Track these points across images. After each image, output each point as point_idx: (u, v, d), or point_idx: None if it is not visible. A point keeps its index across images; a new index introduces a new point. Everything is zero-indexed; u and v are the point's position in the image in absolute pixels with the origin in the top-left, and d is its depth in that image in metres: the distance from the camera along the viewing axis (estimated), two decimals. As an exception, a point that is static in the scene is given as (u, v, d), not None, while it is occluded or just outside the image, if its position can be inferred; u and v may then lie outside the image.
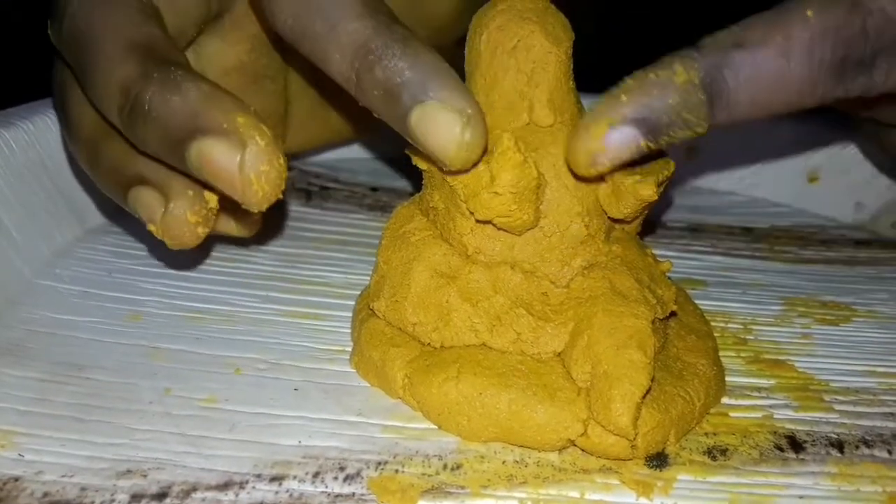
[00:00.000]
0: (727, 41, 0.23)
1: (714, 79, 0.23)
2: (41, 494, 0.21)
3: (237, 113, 0.23)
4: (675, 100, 0.23)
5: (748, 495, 0.23)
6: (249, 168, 0.22)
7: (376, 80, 0.23)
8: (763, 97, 0.23)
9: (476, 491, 0.22)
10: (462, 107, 0.22)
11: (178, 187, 0.25)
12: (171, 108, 0.23)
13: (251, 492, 0.22)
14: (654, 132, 0.23)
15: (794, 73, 0.23)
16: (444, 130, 0.22)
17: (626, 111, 0.23)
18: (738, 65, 0.23)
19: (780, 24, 0.23)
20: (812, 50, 0.23)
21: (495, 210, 0.24)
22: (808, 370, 0.29)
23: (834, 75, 0.23)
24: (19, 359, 0.26)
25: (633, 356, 0.23)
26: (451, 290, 0.26)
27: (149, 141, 0.24)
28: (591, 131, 0.23)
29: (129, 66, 0.24)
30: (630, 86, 0.23)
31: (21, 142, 0.32)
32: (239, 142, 0.22)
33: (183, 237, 0.25)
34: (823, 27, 0.23)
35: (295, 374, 0.27)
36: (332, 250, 0.35)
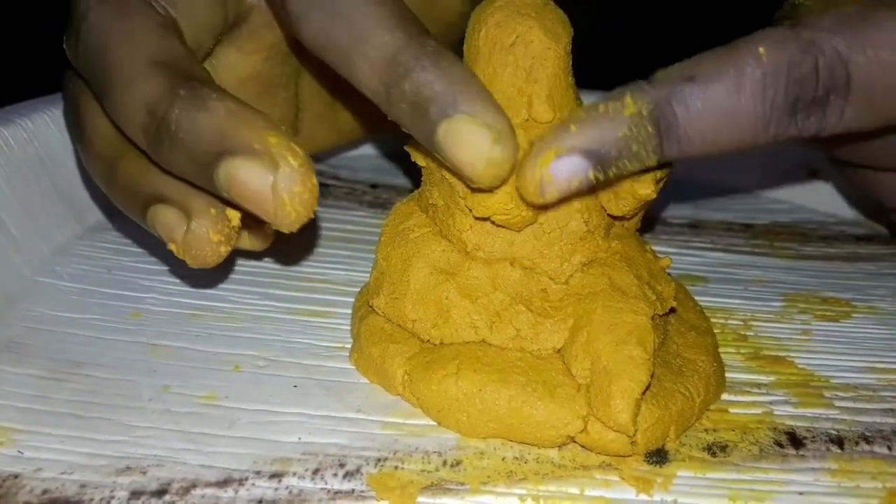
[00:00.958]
0: (679, 74, 0.23)
1: (663, 112, 0.22)
2: (40, 491, 0.21)
3: (268, 132, 0.22)
4: (623, 132, 0.22)
5: (748, 491, 0.23)
6: (283, 190, 0.22)
7: (405, 93, 0.23)
8: (713, 133, 0.23)
9: (476, 487, 0.22)
10: (492, 122, 0.22)
11: (200, 206, 0.25)
12: (199, 128, 0.23)
13: (251, 488, 0.22)
14: (602, 164, 0.23)
15: (746, 110, 0.23)
16: (472, 145, 0.22)
17: (575, 141, 0.23)
18: (688, 98, 0.22)
19: (732, 60, 0.23)
20: (764, 87, 0.23)
21: (493, 208, 0.24)
22: (808, 366, 0.29)
23: (787, 114, 0.23)
24: (19, 356, 0.26)
25: (632, 352, 0.23)
26: (451, 286, 0.25)
27: (175, 161, 0.24)
28: (539, 160, 0.23)
29: (152, 84, 0.24)
30: (580, 116, 0.23)
31: (20, 139, 0.32)
32: (271, 163, 0.22)
33: (205, 256, 0.25)
34: (776, 65, 0.22)
35: (294, 370, 0.27)
36: (331, 247, 0.35)
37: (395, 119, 0.24)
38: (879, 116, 0.24)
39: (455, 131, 0.22)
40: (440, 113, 0.22)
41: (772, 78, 0.22)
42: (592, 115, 0.23)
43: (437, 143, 0.22)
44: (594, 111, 0.23)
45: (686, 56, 0.24)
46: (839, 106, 0.23)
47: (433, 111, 0.22)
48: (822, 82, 0.23)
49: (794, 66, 0.23)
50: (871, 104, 0.23)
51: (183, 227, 0.25)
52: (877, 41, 0.23)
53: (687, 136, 0.23)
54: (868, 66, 0.23)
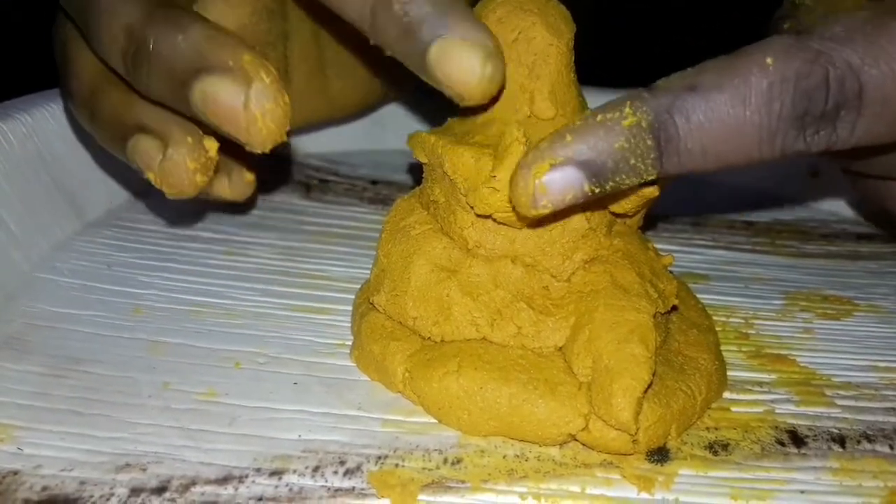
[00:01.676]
0: (680, 84, 0.22)
1: (663, 123, 0.21)
2: (40, 488, 0.21)
3: (243, 51, 0.23)
4: (621, 144, 0.21)
5: (749, 490, 0.23)
6: (255, 105, 0.22)
7: (394, 15, 0.23)
8: (716, 146, 0.22)
9: (476, 485, 0.22)
10: (482, 40, 0.22)
11: (178, 134, 0.25)
12: (176, 48, 0.23)
13: (251, 486, 0.22)
14: (599, 176, 0.22)
15: (751, 122, 0.21)
16: (465, 64, 0.22)
17: (570, 152, 0.22)
18: (690, 109, 0.21)
19: (737, 69, 0.21)
20: (771, 98, 0.21)
21: (495, 206, 0.24)
22: (809, 365, 0.29)
23: (794, 127, 0.22)
24: (19, 352, 0.26)
25: (634, 350, 0.23)
26: (452, 283, 0.25)
27: (153, 83, 0.24)
28: (533, 170, 0.22)
29: (133, 8, 0.24)
30: (577, 126, 0.22)
31: (19, 134, 0.32)
32: (244, 79, 0.22)
33: (182, 184, 0.25)
34: (783, 76, 0.21)
35: (295, 368, 0.27)
36: (331, 244, 0.35)
37: (381, 44, 0.24)
38: (893, 130, 0.23)
39: (448, 51, 0.22)
40: (431, 33, 0.22)
41: (779, 89, 0.21)
42: (589, 124, 0.22)
43: (427, 63, 0.23)
44: (591, 120, 0.22)
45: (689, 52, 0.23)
46: (851, 120, 0.22)
47: (424, 32, 0.22)
48: (833, 95, 0.22)
49: (802, 78, 0.21)
50: (884, 118, 0.22)
51: (160, 155, 0.25)
52: (891, 53, 0.22)
53: (687, 150, 0.22)
54: (882, 79, 0.22)
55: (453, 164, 0.25)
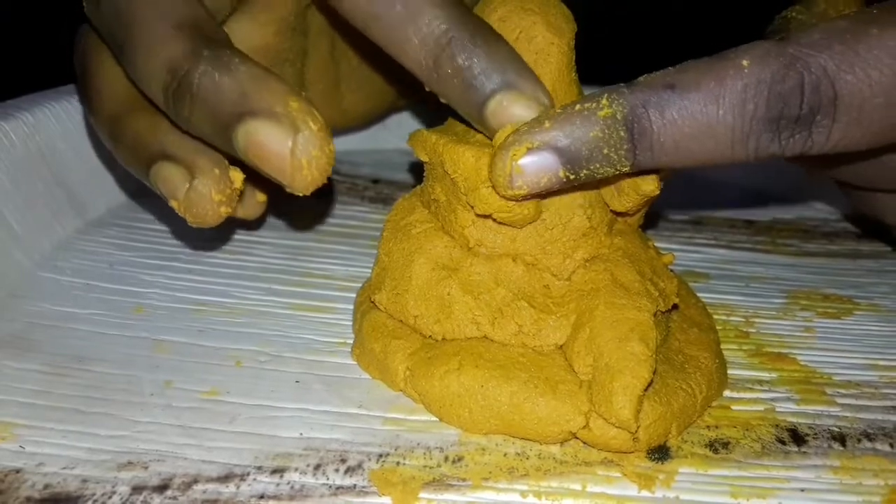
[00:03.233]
0: (659, 80, 0.22)
1: (638, 117, 0.22)
2: (42, 486, 0.21)
3: (290, 96, 0.23)
4: (595, 133, 0.22)
5: (750, 488, 0.23)
6: (301, 153, 0.23)
7: (456, 67, 0.24)
8: (688, 143, 0.22)
9: (477, 483, 0.22)
10: (540, 97, 0.23)
11: (205, 164, 0.25)
12: (221, 88, 0.23)
13: (252, 484, 0.22)
14: (573, 163, 0.23)
15: (724, 122, 0.22)
16: (522, 117, 0.23)
17: (546, 137, 0.22)
18: (664, 105, 0.22)
19: (714, 70, 0.22)
20: (744, 100, 0.22)
21: (494, 206, 0.24)
22: (810, 363, 0.29)
23: (768, 130, 0.22)
24: (21, 351, 0.26)
25: (634, 349, 0.23)
26: (453, 282, 0.25)
27: (194, 121, 0.24)
28: (510, 152, 0.23)
29: (177, 44, 0.24)
30: (555, 113, 0.23)
31: (21, 133, 0.32)
32: (291, 126, 0.23)
33: (206, 215, 0.25)
34: (758, 78, 0.22)
35: (296, 366, 0.27)
36: (333, 242, 0.35)
37: (440, 93, 0.25)
38: (871, 136, 0.23)
39: (507, 104, 0.23)
40: (493, 86, 0.23)
41: (753, 91, 0.22)
42: (567, 112, 0.23)
43: (485, 115, 0.24)
44: (569, 109, 0.23)
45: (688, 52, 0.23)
46: (826, 125, 0.22)
47: (485, 85, 0.23)
48: (807, 100, 0.22)
49: (776, 82, 0.22)
50: (860, 124, 0.22)
51: (186, 184, 0.25)
52: (867, 59, 0.22)
53: (660, 145, 0.22)
54: (857, 86, 0.22)
55: (454, 163, 0.25)
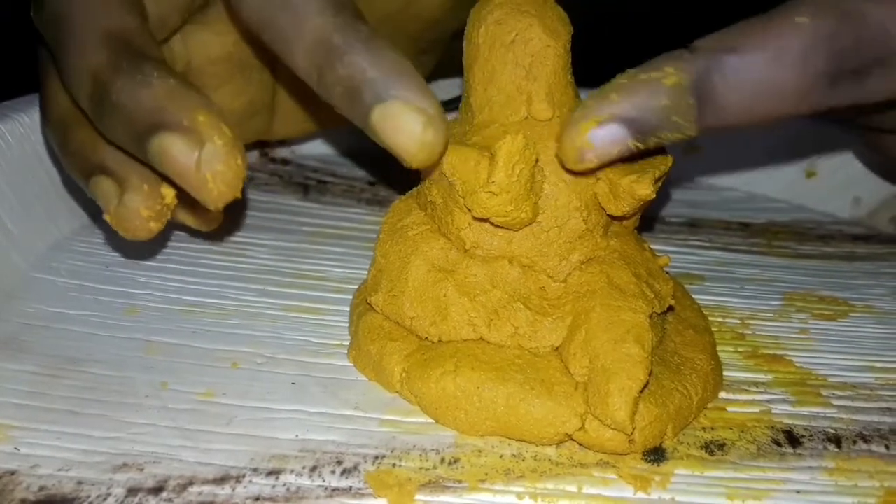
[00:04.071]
0: (720, 44, 0.23)
1: (704, 82, 0.23)
2: (37, 488, 0.21)
3: (199, 111, 0.23)
4: (663, 101, 0.23)
5: (745, 490, 0.23)
6: (206, 167, 0.23)
7: (338, 77, 0.23)
8: (753, 103, 0.23)
9: (473, 485, 0.22)
10: (424, 106, 0.22)
11: (135, 180, 0.26)
12: (137, 101, 0.24)
13: (248, 485, 0.22)
14: (642, 132, 0.23)
15: (787, 81, 0.23)
16: (405, 129, 0.22)
17: (615, 110, 0.23)
18: (729, 69, 0.23)
19: (772, 30, 0.23)
20: (805, 58, 0.22)
21: (492, 210, 0.24)
22: (805, 365, 0.29)
23: (827, 84, 0.23)
24: (15, 352, 0.26)
25: (630, 350, 0.23)
26: (449, 284, 0.25)
27: (114, 130, 0.25)
28: (580, 127, 0.23)
29: (101, 54, 0.24)
30: (620, 85, 0.23)
31: (17, 134, 0.32)
32: (197, 140, 0.23)
33: (136, 230, 0.26)
34: (816, 35, 0.22)
35: (292, 368, 0.27)
36: (329, 244, 0.35)
37: (328, 101, 0.24)
38: None
39: (388, 116, 0.22)
40: (373, 97, 0.23)
41: (812, 48, 0.22)
42: (633, 83, 0.23)
43: (371, 126, 0.23)
44: (634, 79, 0.23)
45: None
46: (881, 75, 0.23)
47: (367, 95, 0.23)
48: (864, 53, 0.22)
49: (835, 38, 0.22)
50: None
51: (116, 199, 0.26)
52: None
53: (727, 107, 0.23)
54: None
55: (451, 166, 0.25)
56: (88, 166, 0.27)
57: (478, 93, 0.26)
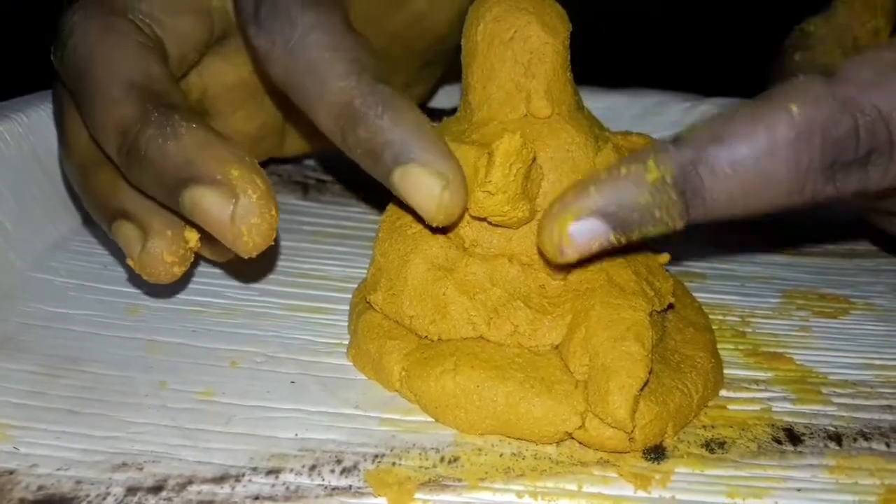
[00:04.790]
0: (706, 134, 0.21)
1: (689, 176, 0.21)
2: (36, 488, 0.21)
3: (232, 164, 0.23)
4: (645, 198, 0.21)
5: (746, 488, 0.23)
6: (240, 220, 0.23)
7: (360, 138, 0.24)
8: (744, 197, 0.21)
9: (473, 484, 0.22)
10: (443, 170, 0.23)
11: (158, 226, 0.26)
12: (166, 154, 0.24)
13: (247, 485, 0.22)
14: (623, 228, 0.22)
15: (779, 174, 0.21)
16: (424, 192, 0.23)
17: (594, 204, 0.22)
18: (716, 161, 0.21)
19: (762, 119, 0.21)
20: (798, 150, 0.21)
21: (489, 209, 0.24)
22: (806, 363, 0.29)
23: (824, 176, 0.21)
24: (14, 352, 0.26)
25: (630, 348, 0.23)
26: (449, 282, 0.25)
27: (144, 182, 0.25)
28: (558, 221, 0.22)
29: (127, 106, 0.25)
30: (601, 179, 0.22)
31: (15, 134, 0.32)
32: (231, 193, 0.23)
33: (159, 275, 0.26)
34: (810, 126, 0.21)
35: (292, 367, 0.27)
36: (328, 243, 0.35)
37: (352, 158, 0.25)
38: None
39: (408, 178, 0.23)
40: (394, 159, 0.23)
41: (807, 140, 0.21)
42: (613, 177, 0.22)
43: (392, 186, 0.24)
44: (615, 173, 0.22)
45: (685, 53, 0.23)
46: (882, 164, 0.21)
47: (387, 157, 0.23)
48: (863, 143, 0.21)
49: (830, 128, 0.21)
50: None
51: (140, 244, 0.26)
52: None
53: (713, 200, 0.21)
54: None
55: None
56: (110, 209, 0.27)
57: (476, 90, 0.26)
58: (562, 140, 0.25)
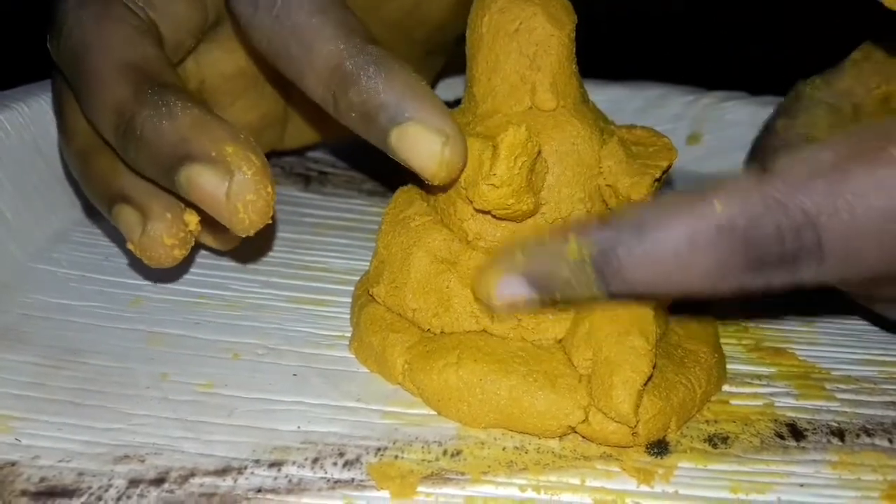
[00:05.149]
0: (630, 219, 0.21)
1: (607, 258, 0.21)
2: (38, 479, 0.21)
3: (226, 141, 0.23)
4: (564, 272, 0.22)
5: (749, 483, 0.23)
6: (236, 197, 0.23)
7: (352, 102, 0.24)
8: (662, 281, 0.21)
9: (476, 477, 0.22)
10: (441, 126, 0.23)
11: (158, 209, 0.26)
12: (162, 133, 0.24)
13: (250, 477, 0.22)
14: (546, 292, 0.23)
15: (697, 264, 0.21)
16: (424, 150, 0.23)
17: (518, 269, 0.23)
18: (633, 246, 0.21)
19: (685, 210, 0.21)
20: (719, 245, 0.21)
21: (493, 202, 0.24)
22: (809, 358, 0.29)
23: (748, 270, 0.21)
24: (15, 343, 0.26)
25: (634, 343, 0.23)
26: (452, 275, 0.25)
27: (140, 162, 0.25)
28: (487, 277, 0.23)
29: (122, 87, 0.25)
30: (528, 247, 0.23)
31: (16, 124, 0.32)
32: (226, 170, 0.23)
33: (159, 258, 0.26)
34: (731, 223, 0.20)
35: (294, 359, 0.27)
36: (331, 236, 0.35)
37: (345, 124, 0.24)
38: (867, 272, 0.21)
39: (406, 137, 0.23)
40: (390, 120, 0.23)
41: (727, 236, 0.21)
42: (537, 249, 0.22)
43: (389, 147, 0.23)
44: (540, 245, 0.22)
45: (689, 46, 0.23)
46: (813, 266, 0.21)
47: (383, 118, 0.23)
48: (788, 244, 0.20)
49: (752, 227, 0.20)
50: (851, 264, 0.21)
51: (140, 228, 0.26)
52: (853, 203, 0.20)
53: (633, 281, 0.22)
54: (843, 231, 0.20)
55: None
56: (110, 194, 0.26)
57: (481, 82, 0.26)
58: (567, 133, 0.25)
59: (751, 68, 0.50)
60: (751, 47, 0.55)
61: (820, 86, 0.28)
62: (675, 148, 0.27)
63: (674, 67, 0.47)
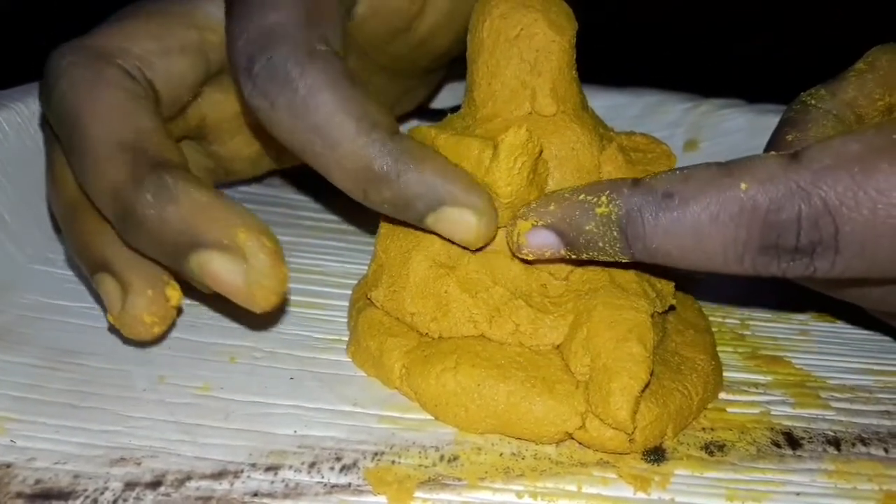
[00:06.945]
0: (661, 185, 0.22)
1: (632, 220, 0.22)
2: (33, 481, 0.21)
3: (238, 227, 0.23)
4: (591, 227, 0.23)
5: (745, 491, 0.23)
6: (253, 283, 0.23)
7: (384, 198, 0.24)
8: (680, 252, 0.22)
9: (473, 483, 0.22)
10: (473, 203, 0.24)
11: (139, 284, 0.25)
12: (165, 219, 0.23)
13: (246, 481, 0.22)
14: (572, 246, 0.23)
15: (714, 240, 0.22)
16: (461, 228, 0.24)
17: (549, 219, 0.23)
18: (659, 212, 0.22)
19: (715, 187, 0.21)
20: (737, 225, 0.21)
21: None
22: (805, 367, 0.29)
23: (763, 255, 0.21)
24: (12, 344, 0.26)
25: (632, 349, 0.23)
26: (450, 280, 0.25)
27: (142, 246, 0.24)
28: (519, 225, 0.24)
29: (118, 170, 0.24)
30: (563, 197, 0.23)
31: (14, 124, 0.32)
32: (241, 256, 0.23)
33: (138, 334, 0.25)
34: (754, 205, 0.21)
35: (290, 362, 0.27)
36: (329, 239, 0.35)
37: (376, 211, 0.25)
38: (880, 270, 0.21)
39: (443, 221, 0.24)
40: (426, 207, 0.24)
41: (747, 217, 0.21)
42: (571, 199, 0.23)
43: (427, 227, 0.24)
44: (574, 196, 0.23)
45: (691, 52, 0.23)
46: (828, 257, 0.21)
47: (418, 206, 0.24)
48: (805, 233, 0.21)
49: (773, 212, 0.21)
50: (866, 259, 0.21)
51: (120, 303, 0.25)
52: (875, 199, 0.20)
53: (654, 247, 0.22)
54: (861, 225, 0.20)
55: (454, 160, 0.25)
56: (93, 259, 0.26)
57: (481, 87, 0.26)
58: (566, 138, 0.25)
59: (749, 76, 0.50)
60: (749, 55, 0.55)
61: (825, 97, 0.28)
62: (675, 155, 0.27)
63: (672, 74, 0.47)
